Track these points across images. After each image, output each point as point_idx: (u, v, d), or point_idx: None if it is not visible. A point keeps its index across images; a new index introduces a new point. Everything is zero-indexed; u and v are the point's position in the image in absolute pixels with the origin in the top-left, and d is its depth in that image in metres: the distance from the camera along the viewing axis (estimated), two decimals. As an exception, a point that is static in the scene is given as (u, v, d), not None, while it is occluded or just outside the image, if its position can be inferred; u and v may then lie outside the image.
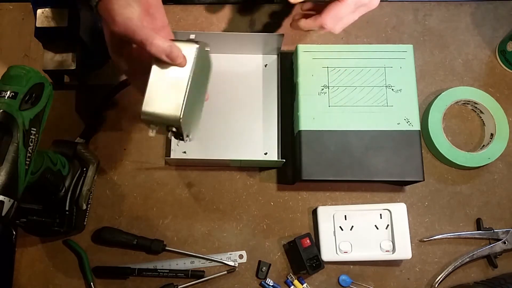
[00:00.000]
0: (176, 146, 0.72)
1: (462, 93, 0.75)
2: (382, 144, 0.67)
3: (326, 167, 0.66)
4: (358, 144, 0.67)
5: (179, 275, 0.68)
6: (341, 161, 0.66)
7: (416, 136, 0.67)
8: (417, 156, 0.66)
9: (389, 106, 0.68)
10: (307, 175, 0.66)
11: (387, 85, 0.69)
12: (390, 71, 0.69)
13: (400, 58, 0.70)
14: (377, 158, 0.66)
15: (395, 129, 0.67)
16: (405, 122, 0.68)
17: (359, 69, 0.69)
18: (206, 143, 0.72)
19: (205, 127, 0.73)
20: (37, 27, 0.64)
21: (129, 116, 0.75)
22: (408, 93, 0.69)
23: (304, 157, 0.67)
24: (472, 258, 0.70)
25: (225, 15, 0.79)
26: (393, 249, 0.68)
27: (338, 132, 0.67)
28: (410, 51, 0.70)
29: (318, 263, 0.67)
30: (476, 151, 0.74)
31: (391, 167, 0.66)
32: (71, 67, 0.67)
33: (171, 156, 0.71)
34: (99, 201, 0.71)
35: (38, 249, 0.70)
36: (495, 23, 0.81)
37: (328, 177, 0.66)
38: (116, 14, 0.49)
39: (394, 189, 0.73)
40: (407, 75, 0.70)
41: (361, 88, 0.68)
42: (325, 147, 0.67)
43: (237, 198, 0.72)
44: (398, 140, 0.67)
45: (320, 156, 0.66)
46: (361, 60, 0.70)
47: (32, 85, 0.50)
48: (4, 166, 0.47)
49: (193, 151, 0.72)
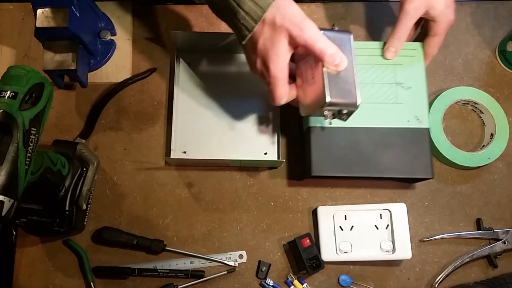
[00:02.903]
0: (176, 146, 0.72)
1: (462, 93, 0.75)
2: (392, 141, 0.67)
3: (335, 164, 0.66)
4: (367, 141, 0.67)
5: (179, 275, 0.68)
6: (351, 158, 0.66)
7: (425, 134, 0.67)
8: (427, 154, 0.67)
9: (399, 103, 0.68)
10: (317, 171, 0.66)
11: (396, 83, 0.69)
12: (400, 68, 0.69)
13: (410, 56, 0.70)
14: (387, 155, 0.66)
15: (405, 127, 0.67)
16: (415, 119, 0.68)
17: (369, 66, 0.69)
18: (206, 143, 0.72)
19: (205, 127, 0.73)
20: (37, 27, 0.64)
21: (129, 116, 0.75)
22: (418, 91, 0.69)
23: (313, 154, 0.66)
24: (472, 258, 0.70)
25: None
26: (393, 249, 0.68)
27: (347, 128, 0.67)
28: (419, 48, 0.70)
29: (318, 263, 0.67)
30: (476, 151, 0.74)
31: (400, 164, 0.66)
32: (71, 67, 0.67)
33: (171, 156, 0.71)
34: (99, 201, 0.71)
35: (38, 249, 0.70)
36: (495, 23, 0.81)
37: (337, 174, 0.66)
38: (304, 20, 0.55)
39: (394, 189, 0.73)
40: (416, 72, 0.69)
41: (371, 85, 0.68)
42: (334, 143, 0.67)
43: (237, 198, 0.72)
44: (408, 138, 0.67)
45: (330, 153, 0.66)
46: (370, 57, 0.70)
47: (32, 85, 0.50)
48: (4, 166, 0.47)
49: (193, 151, 0.72)
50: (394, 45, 0.68)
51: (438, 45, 0.69)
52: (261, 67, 0.58)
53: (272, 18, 0.54)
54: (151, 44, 0.78)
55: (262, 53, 0.56)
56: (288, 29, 0.54)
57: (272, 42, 0.55)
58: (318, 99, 0.57)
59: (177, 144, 0.72)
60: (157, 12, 0.80)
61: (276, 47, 0.55)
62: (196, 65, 0.76)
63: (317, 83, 0.57)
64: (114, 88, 0.75)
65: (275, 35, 0.54)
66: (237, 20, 0.56)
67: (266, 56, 0.56)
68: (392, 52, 0.69)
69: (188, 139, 0.72)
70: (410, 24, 0.66)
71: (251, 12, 0.54)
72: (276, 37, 0.55)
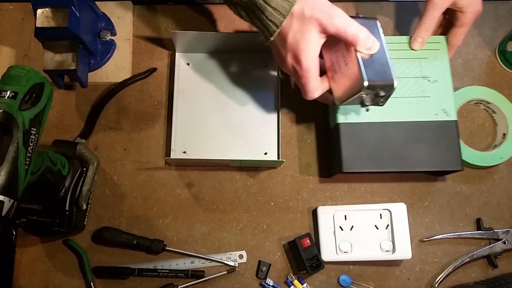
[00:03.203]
0: (176, 146, 0.72)
1: (474, 92, 0.75)
2: (421, 135, 0.67)
3: (366, 159, 0.66)
4: (397, 135, 0.67)
5: (179, 275, 0.68)
6: (381, 153, 0.67)
7: (453, 126, 0.68)
8: (455, 146, 0.67)
9: (426, 97, 0.69)
10: (348, 168, 0.66)
11: (423, 76, 0.69)
12: (425, 62, 0.70)
13: (435, 49, 0.70)
14: (416, 148, 0.67)
15: (433, 120, 0.68)
16: (443, 112, 0.68)
17: (395, 61, 0.69)
18: (206, 143, 0.72)
19: (205, 127, 0.73)
20: (37, 27, 0.64)
21: (129, 116, 0.75)
22: (444, 84, 0.69)
23: (344, 150, 0.67)
24: (472, 258, 0.70)
25: (225, 15, 0.79)
26: (393, 249, 0.68)
27: (377, 124, 0.67)
28: (443, 42, 0.71)
29: (318, 263, 0.67)
30: (489, 151, 0.74)
31: (430, 158, 0.66)
32: (71, 67, 0.67)
33: (171, 156, 0.71)
34: (99, 201, 0.71)
35: (38, 249, 0.70)
36: (495, 23, 0.81)
37: (368, 169, 0.66)
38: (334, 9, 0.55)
39: (394, 189, 0.73)
40: (441, 65, 0.70)
41: (398, 79, 0.68)
42: (364, 139, 0.67)
43: (237, 198, 0.72)
44: (436, 131, 0.67)
45: (360, 148, 0.67)
46: (395, 51, 0.70)
47: (32, 85, 0.50)
48: (4, 166, 0.47)
49: (193, 151, 0.72)
50: (421, 35, 0.69)
51: (463, 35, 0.69)
52: (292, 61, 0.58)
53: (300, 11, 0.54)
54: (151, 44, 0.78)
55: (293, 46, 0.56)
56: (318, 19, 0.54)
57: (302, 34, 0.55)
58: (355, 83, 0.58)
59: (177, 144, 0.72)
60: (157, 12, 0.80)
61: (307, 39, 0.55)
62: (196, 65, 0.76)
63: (351, 68, 0.58)
64: (114, 88, 0.75)
65: (305, 27, 0.55)
66: (264, 17, 0.56)
67: (297, 49, 0.56)
68: (419, 43, 0.69)
69: (188, 139, 0.72)
70: (438, 14, 0.67)
71: (279, 7, 0.54)
72: (306, 29, 0.55)
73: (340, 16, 0.55)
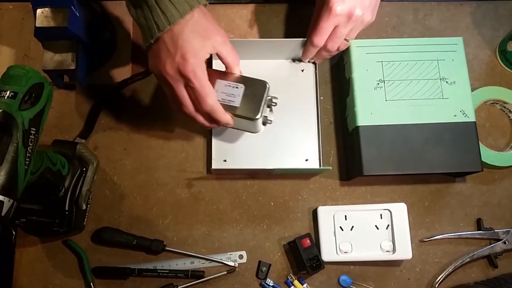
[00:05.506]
0: (218, 155, 0.71)
1: (491, 92, 0.75)
2: (440, 137, 0.67)
3: (386, 162, 0.66)
4: (416, 137, 0.67)
5: (179, 275, 0.68)
6: (401, 155, 0.67)
7: (472, 127, 0.68)
8: (475, 147, 0.67)
9: (444, 98, 0.69)
10: (368, 170, 0.66)
11: (441, 78, 0.69)
12: (443, 63, 0.70)
13: (452, 51, 0.71)
14: (436, 150, 0.67)
15: (452, 121, 0.68)
16: (461, 114, 0.68)
17: (413, 63, 0.70)
18: (246, 152, 0.71)
19: (245, 136, 0.72)
20: (37, 27, 0.64)
21: (129, 116, 0.75)
22: (462, 85, 0.69)
23: (364, 153, 0.67)
24: (472, 258, 0.70)
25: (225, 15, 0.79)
26: (393, 249, 0.68)
27: (396, 126, 0.67)
28: (460, 43, 0.71)
29: (318, 263, 0.67)
30: (506, 151, 0.74)
31: (450, 159, 0.66)
32: (71, 67, 0.67)
33: (212, 167, 0.70)
34: (99, 201, 0.71)
35: (38, 249, 0.69)
36: (495, 23, 0.81)
37: (389, 172, 0.67)
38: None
39: (394, 189, 0.73)
40: (459, 67, 0.70)
41: (416, 81, 0.68)
42: (384, 141, 0.67)
43: (237, 198, 0.72)
44: (456, 132, 0.67)
45: (380, 151, 0.67)
46: (414, 53, 0.70)
47: (31, 85, 0.50)
48: (3, 166, 0.47)
49: (234, 160, 0.71)
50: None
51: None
52: (180, 59, 0.57)
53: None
54: (151, 44, 0.78)
55: (182, 47, 0.57)
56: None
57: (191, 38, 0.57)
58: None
59: (217, 153, 0.71)
60: (157, 12, 0.80)
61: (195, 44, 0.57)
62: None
63: None
64: (114, 88, 0.75)
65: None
66: (156, 14, 0.56)
67: (186, 51, 0.56)
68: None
69: (227, 148, 0.71)
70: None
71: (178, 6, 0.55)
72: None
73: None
